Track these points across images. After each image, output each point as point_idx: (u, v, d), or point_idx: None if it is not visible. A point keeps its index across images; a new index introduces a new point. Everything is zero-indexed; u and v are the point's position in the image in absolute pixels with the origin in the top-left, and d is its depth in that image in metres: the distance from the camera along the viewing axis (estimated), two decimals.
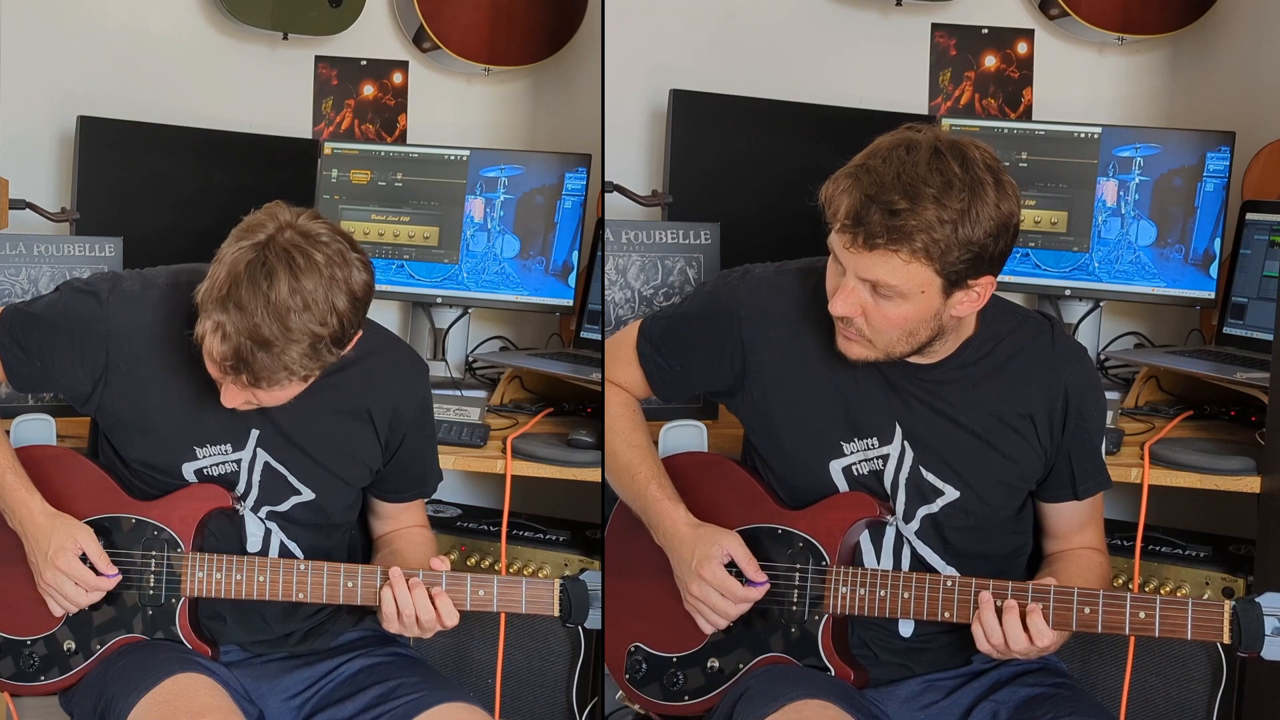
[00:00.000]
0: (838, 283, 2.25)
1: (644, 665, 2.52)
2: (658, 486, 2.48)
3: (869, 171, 2.17)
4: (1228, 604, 2.18)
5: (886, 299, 2.21)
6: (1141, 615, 2.22)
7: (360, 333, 2.29)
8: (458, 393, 3.20)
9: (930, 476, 2.39)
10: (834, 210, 2.21)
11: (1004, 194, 2.20)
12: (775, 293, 2.45)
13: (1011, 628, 2.25)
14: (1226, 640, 2.18)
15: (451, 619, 2.38)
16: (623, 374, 2.59)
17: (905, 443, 2.39)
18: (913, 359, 2.34)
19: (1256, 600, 2.17)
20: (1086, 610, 2.24)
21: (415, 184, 3.53)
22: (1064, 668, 2.52)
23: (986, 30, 3.67)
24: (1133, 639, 2.88)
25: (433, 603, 2.36)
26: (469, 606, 2.39)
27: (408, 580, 2.36)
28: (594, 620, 2.38)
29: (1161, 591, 2.97)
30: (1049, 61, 3.68)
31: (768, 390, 2.44)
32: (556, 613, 2.38)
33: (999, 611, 2.26)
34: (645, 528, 2.50)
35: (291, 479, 2.45)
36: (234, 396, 2.27)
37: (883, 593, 2.36)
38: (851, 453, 2.41)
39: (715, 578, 2.38)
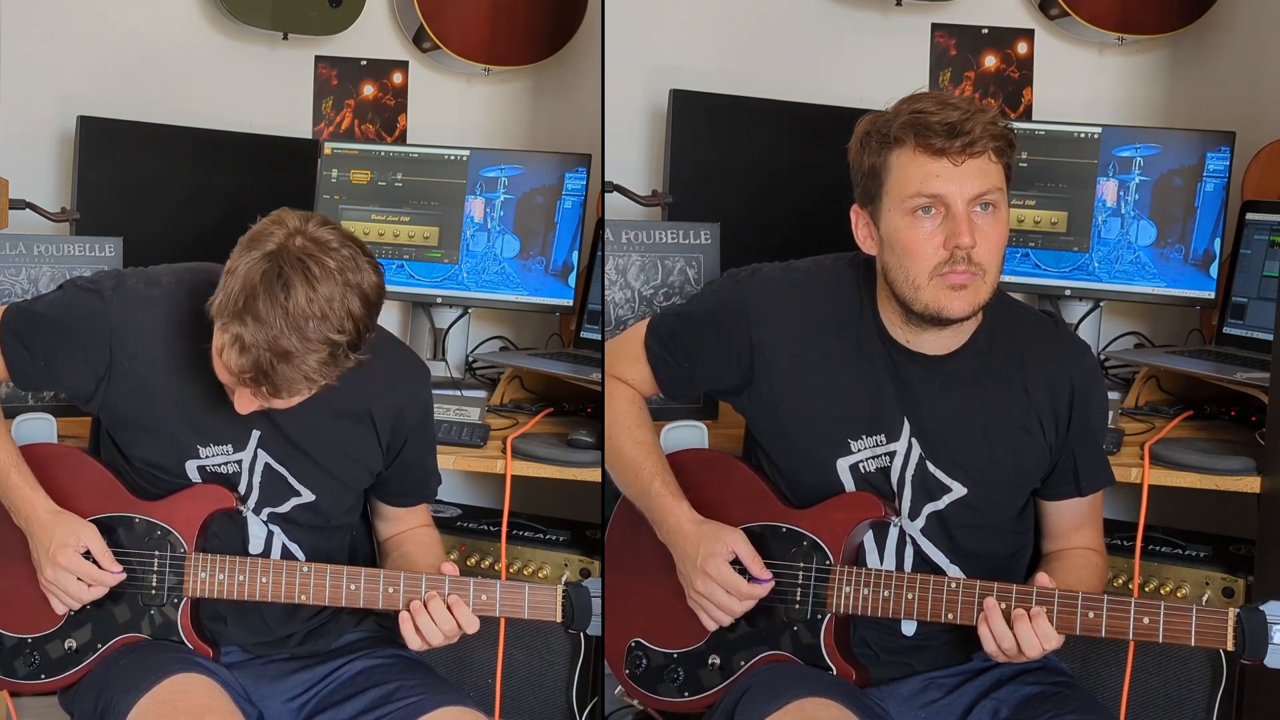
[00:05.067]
0: (934, 233, 2.26)
1: (644, 661, 2.52)
2: (661, 483, 2.48)
3: (918, 113, 2.26)
4: (1232, 611, 2.17)
5: (988, 214, 2.27)
6: (1145, 621, 2.21)
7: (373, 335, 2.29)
8: (458, 393, 3.20)
9: (938, 473, 2.39)
10: (913, 149, 2.26)
11: None
12: (784, 291, 2.45)
13: (1024, 633, 2.25)
14: (1230, 648, 2.18)
15: (472, 626, 2.37)
16: (630, 371, 2.59)
17: (913, 439, 2.39)
18: (923, 349, 2.36)
19: (1260, 608, 2.17)
20: (1090, 614, 2.24)
21: (415, 184, 3.53)
22: (1064, 667, 2.52)
23: (986, 30, 3.68)
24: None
25: (450, 613, 2.36)
26: (471, 611, 2.38)
27: (425, 604, 2.36)
28: (596, 627, 2.38)
29: (1162, 591, 2.97)
30: (1049, 61, 3.69)
31: (776, 388, 2.44)
32: (559, 619, 2.37)
33: (1007, 616, 2.26)
34: (647, 524, 2.51)
35: (291, 480, 2.45)
36: (248, 403, 2.27)
37: (886, 593, 2.37)
38: (859, 450, 2.41)
39: (720, 574, 2.39)
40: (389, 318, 3.65)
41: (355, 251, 2.21)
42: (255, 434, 2.42)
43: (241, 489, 2.44)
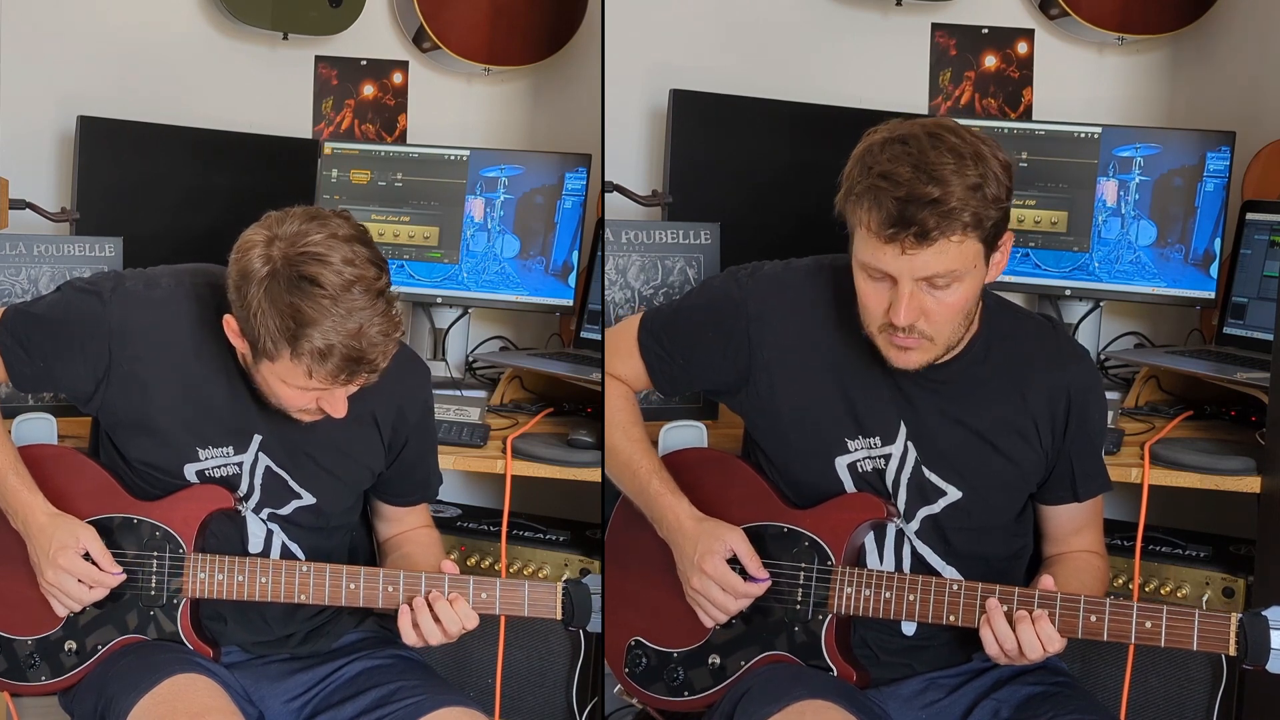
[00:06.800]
0: (883, 295, 2.24)
1: (644, 660, 2.52)
2: (660, 480, 2.48)
3: (885, 177, 2.17)
4: (1234, 616, 2.17)
5: (944, 289, 2.22)
6: (1148, 625, 2.20)
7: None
8: (458, 393, 3.20)
9: (932, 477, 2.39)
10: (866, 224, 2.20)
11: (994, 147, 2.24)
12: (784, 290, 2.45)
13: (1026, 635, 2.24)
14: (1232, 653, 2.17)
15: (471, 621, 2.38)
16: (622, 366, 2.59)
17: (908, 442, 2.39)
18: None
19: (1263, 613, 2.16)
20: (1093, 618, 2.24)
21: (415, 184, 3.53)
22: (1064, 667, 2.52)
23: (986, 30, 3.68)
24: None
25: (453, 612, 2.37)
26: (470, 606, 2.39)
27: (429, 601, 2.36)
28: (596, 624, 2.38)
29: (1162, 591, 2.97)
30: (1049, 61, 3.68)
31: (775, 386, 2.44)
32: (559, 616, 2.38)
33: (1010, 618, 2.26)
34: (647, 523, 2.51)
35: (292, 483, 2.45)
36: (343, 404, 2.28)
37: (887, 594, 2.36)
38: (855, 450, 2.41)
39: (717, 572, 2.39)
40: None
41: (324, 215, 2.23)
42: (257, 438, 2.42)
43: (241, 491, 2.44)
